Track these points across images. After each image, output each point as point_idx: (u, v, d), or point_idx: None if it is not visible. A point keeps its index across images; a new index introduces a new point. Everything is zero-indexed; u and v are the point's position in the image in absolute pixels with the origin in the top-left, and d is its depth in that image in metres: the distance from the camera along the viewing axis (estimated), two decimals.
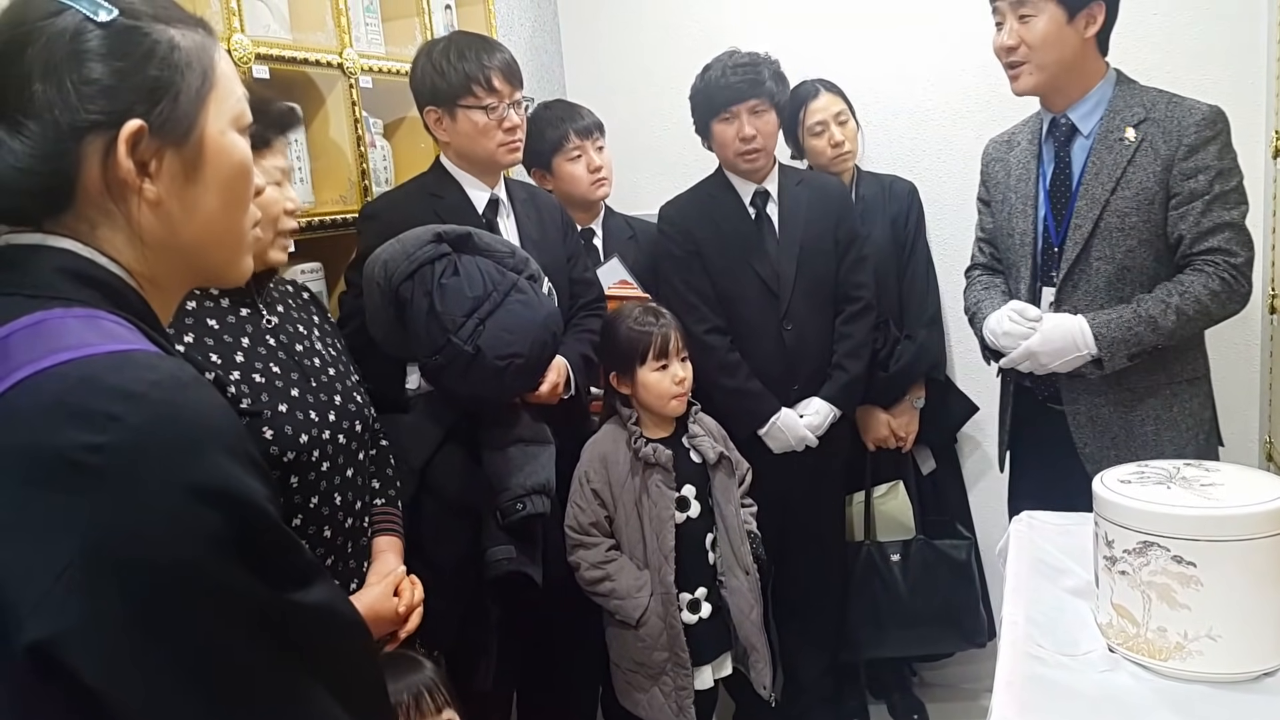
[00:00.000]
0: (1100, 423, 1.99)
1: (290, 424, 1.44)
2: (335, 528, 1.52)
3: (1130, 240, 1.93)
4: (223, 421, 0.68)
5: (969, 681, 2.85)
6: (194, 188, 0.76)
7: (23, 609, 0.60)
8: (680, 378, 2.09)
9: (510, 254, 1.90)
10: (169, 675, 0.62)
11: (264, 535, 0.66)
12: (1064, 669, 1.31)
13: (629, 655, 2.10)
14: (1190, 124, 1.87)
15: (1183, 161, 1.87)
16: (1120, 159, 1.92)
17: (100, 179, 0.72)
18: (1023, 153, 2.12)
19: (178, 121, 0.74)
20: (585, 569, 2.07)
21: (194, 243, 0.78)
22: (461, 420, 1.91)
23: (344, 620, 0.74)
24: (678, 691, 2.07)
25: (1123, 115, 1.94)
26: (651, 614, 2.05)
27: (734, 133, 2.34)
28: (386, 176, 2.35)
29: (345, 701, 0.69)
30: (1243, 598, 1.22)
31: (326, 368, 1.57)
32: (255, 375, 1.44)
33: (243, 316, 1.49)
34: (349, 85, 2.16)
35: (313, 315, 1.65)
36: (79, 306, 0.70)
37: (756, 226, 2.43)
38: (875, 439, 2.61)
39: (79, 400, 0.63)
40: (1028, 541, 1.71)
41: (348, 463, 1.55)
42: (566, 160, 2.46)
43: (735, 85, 2.32)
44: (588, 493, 2.08)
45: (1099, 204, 1.93)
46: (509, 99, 2.04)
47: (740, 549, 2.14)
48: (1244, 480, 1.32)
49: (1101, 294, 1.96)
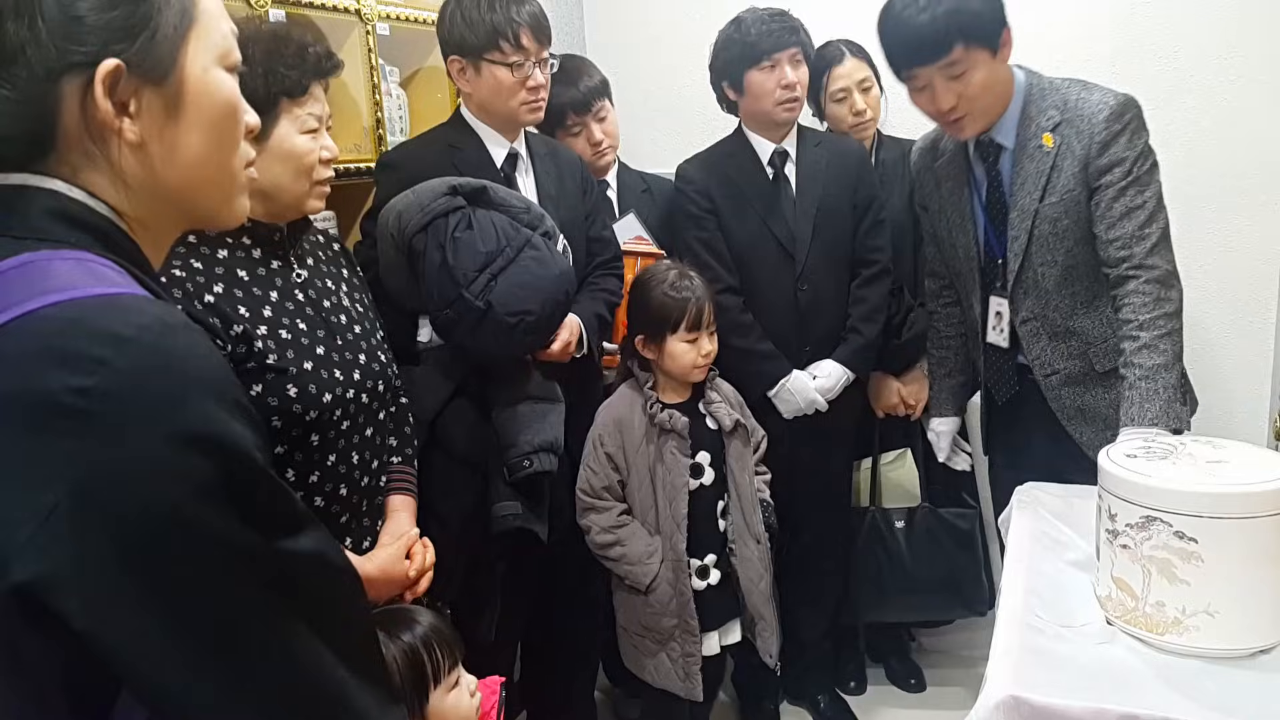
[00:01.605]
0: (1088, 410, 2.02)
1: (315, 383, 1.44)
2: (352, 486, 1.53)
3: (1067, 241, 1.94)
4: (211, 367, 0.67)
5: (967, 649, 2.87)
6: (176, 128, 0.75)
7: (8, 551, 0.59)
8: (707, 351, 2.08)
9: (525, 209, 1.89)
10: (156, 620, 0.62)
11: (252, 482, 0.66)
12: (1061, 640, 1.32)
13: (637, 620, 2.10)
14: (1100, 120, 1.86)
15: (1096, 159, 1.87)
16: (1043, 167, 1.93)
17: (80, 120, 0.70)
18: (949, 164, 2.12)
19: (157, 60, 0.72)
20: (596, 533, 2.06)
21: (180, 184, 0.76)
22: (471, 375, 1.91)
23: (335, 569, 0.73)
24: (685, 658, 2.07)
25: (1037, 121, 1.94)
26: (662, 580, 2.04)
27: (776, 80, 2.29)
28: (402, 127, 2.33)
29: (335, 648, 0.69)
30: (1242, 575, 1.23)
31: (353, 325, 1.56)
32: (282, 331, 1.43)
33: (273, 269, 1.48)
34: (366, 32, 2.14)
35: (341, 269, 1.64)
36: (67, 248, 0.68)
37: (774, 186, 2.41)
38: (885, 406, 2.60)
39: (66, 343, 0.62)
40: (1030, 513, 1.72)
41: (368, 422, 1.55)
42: (567, 136, 2.43)
43: (778, 33, 2.28)
44: (601, 456, 2.07)
45: (1029, 214, 1.95)
46: (535, 57, 2.01)
47: (752, 517, 2.13)
48: (1249, 458, 1.32)
49: (1053, 296, 1.99)
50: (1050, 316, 2.02)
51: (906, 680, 2.79)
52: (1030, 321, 2.04)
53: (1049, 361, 2.04)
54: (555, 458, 1.90)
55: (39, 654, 0.62)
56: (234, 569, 0.64)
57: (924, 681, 2.78)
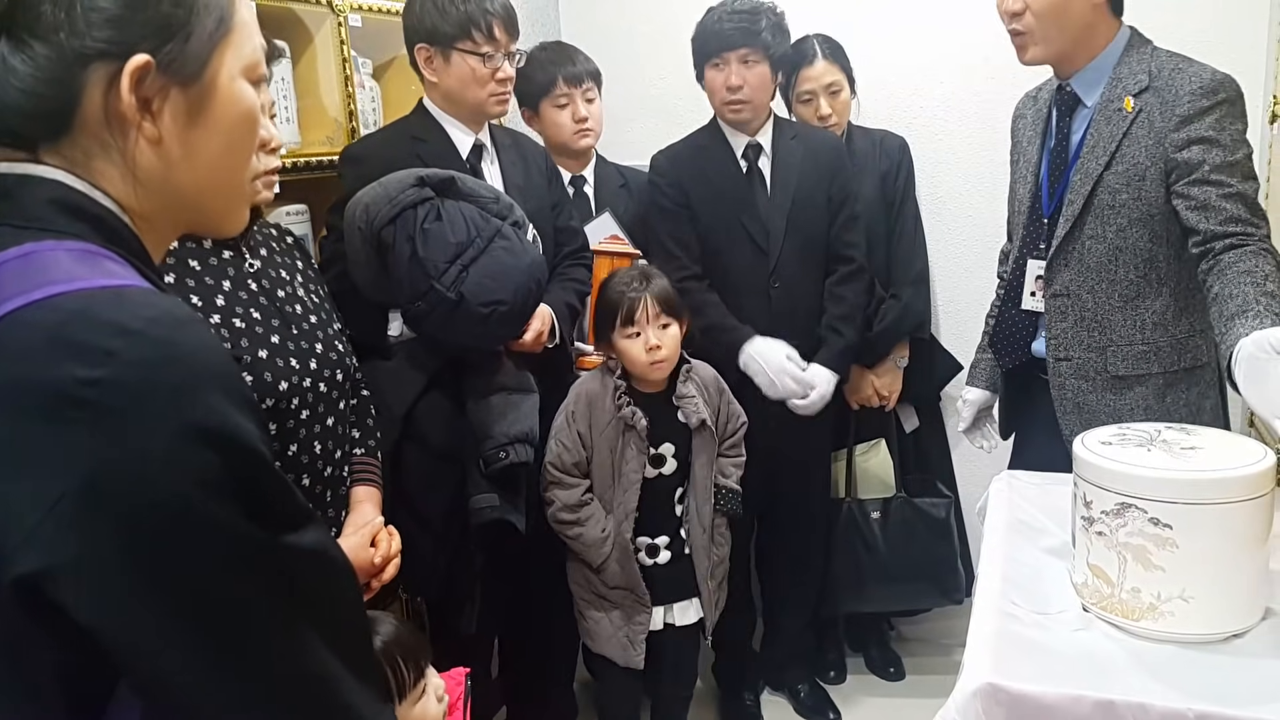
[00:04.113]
0: (1087, 410, 1.88)
1: (270, 370, 1.43)
2: (314, 476, 1.52)
3: (1121, 219, 1.80)
4: (219, 361, 0.67)
5: (945, 637, 2.89)
6: (196, 131, 0.75)
7: (12, 541, 0.59)
8: (653, 345, 2.03)
9: (494, 199, 1.87)
10: (160, 614, 0.62)
11: (258, 477, 0.66)
12: (1038, 627, 1.32)
13: (587, 585, 2.14)
14: (1186, 92, 1.72)
15: (1174, 133, 1.72)
16: (1116, 131, 1.79)
17: (101, 109, 0.71)
18: (1037, 113, 2.00)
19: (186, 62, 0.73)
20: (558, 508, 2.06)
21: (190, 187, 0.77)
22: (444, 368, 1.90)
23: (335, 565, 0.73)
24: (630, 626, 2.10)
25: (1125, 84, 1.80)
26: (612, 560, 2.07)
27: (723, 80, 2.30)
28: (375, 119, 2.31)
29: (333, 645, 0.69)
30: (1216, 560, 1.23)
31: (308, 315, 1.55)
32: (235, 320, 1.43)
33: (225, 259, 1.47)
34: (338, 23, 2.12)
35: (296, 260, 1.63)
36: (71, 239, 0.68)
37: (748, 180, 2.39)
38: (859, 398, 2.61)
39: (74, 334, 0.61)
40: (1006, 501, 1.72)
41: (328, 411, 1.54)
42: (553, 105, 2.41)
43: (727, 32, 2.27)
44: (574, 434, 2.06)
45: (1091, 178, 1.81)
46: (505, 49, 2.00)
47: (704, 508, 2.14)
48: (1223, 444, 1.32)
49: (1092, 274, 1.85)
50: (1084, 298, 1.87)
51: (885, 669, 2.80)
52: (1061, 297, 1.89)
53: (1066, 345, 1.90)
54: (531, 448, 1.89)
55: (38, 647, 0.62)
56: (239, 563, 0.64)
57: (903, 670, 2.80)
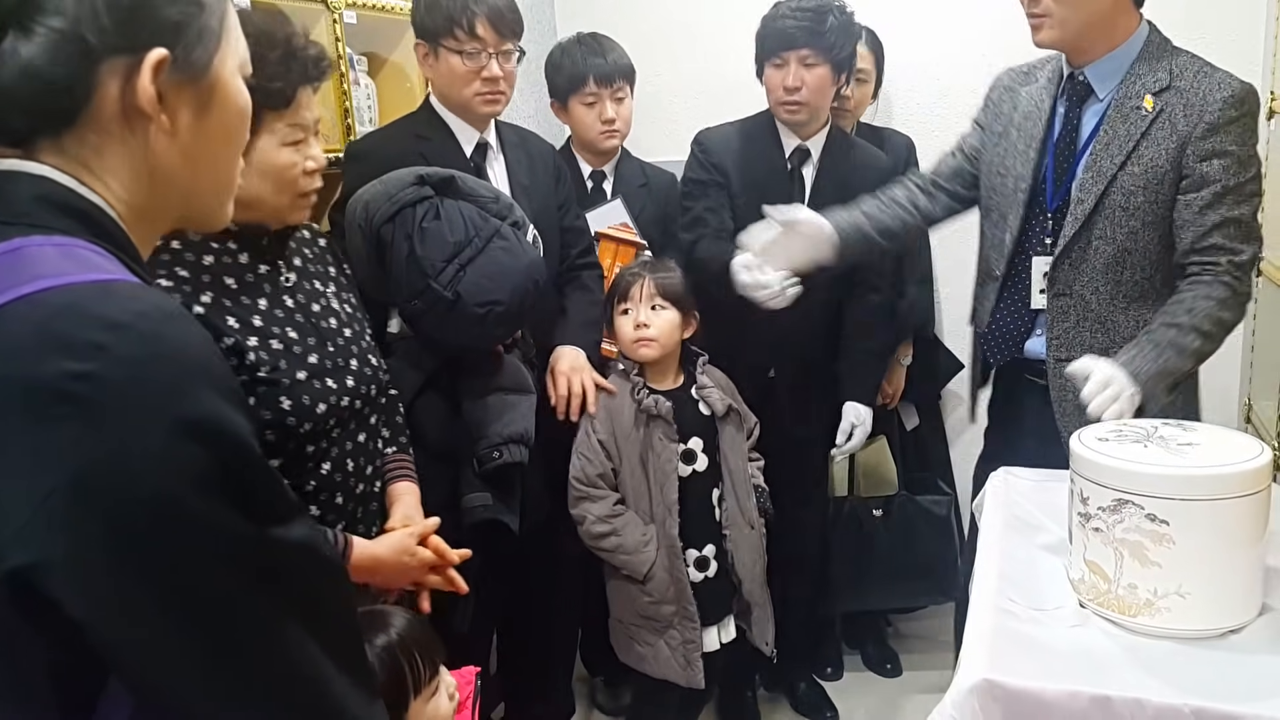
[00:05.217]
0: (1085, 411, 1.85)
1: (308, 393, 1.41)
2: (347, 494, 1.50)
3: (1134, 221, 1.78)
4: (208, 355, 0.67)
5: (943, 634, 2.88)
6: (201, 125, 0.77)
7: (3, 538, 0.60)
8: (641, 322, 2.03)
9: (494, 199, 1.87)
10: (150, 608, 0.62)
11: (248, 471, 0.66)
12: (1034, 623, 1.32)
13: (634, 610, 2.06)
14: (1216, 99, 1.70)
15: (1200, 140, 1.71)
16: (1134, 130, 1.76)
17: (118, 103, 0.72)
18: (1038, 91, 1.92)
19: (196, 58, 0.75)
20: (591, 523, 2.02)
21: (191, 180, 0.79)
22: (442, 367, 1.90)
23: (324, 561, 0.74)
24: (685, 645, 2.04)
25: (1144, 81, 1.77)
26: (659, 567, 2.01)
27: (780, 80, 2.21)
28: (370, 116, 2.30)
29: (321, 640, 0.69)
30: (1213, 556, 1.23)
31: (343, 328, 1.53)
32: (273, 341, 1.40)
33: (261, 274, 1.44)
34: (333, 20, 2.11)
35: (329, 267, 1.60)
36: (58, 235, 0.69)
37: (789, 181, 2.31)
38: None
39: (63, 328, 0.61)
40: (1004, 497, 1.72)
41: (360, 428, 1.53)
42: (581, 103, 2.38)
43: (790, 31, 2.17)
44: (594, 444, 2.04)
45: (1105, 178, 1.78)
46: (494, 48, 1.97)
47: (746, 503, 2.11)
48: (1220, 441, 1.32)
49: (1098, 275, 1.82)
50: (1088, 299, 1.84)
51: (883, 665, 2.81)
52: (1064, 297, 1.86)
53: (1067, 345, 1.86)
54: (526, 449, 1.89)
55: (29, 643, 0.62)
56: (228, 558, 0.65)
57: (900, 666, 2.80)
